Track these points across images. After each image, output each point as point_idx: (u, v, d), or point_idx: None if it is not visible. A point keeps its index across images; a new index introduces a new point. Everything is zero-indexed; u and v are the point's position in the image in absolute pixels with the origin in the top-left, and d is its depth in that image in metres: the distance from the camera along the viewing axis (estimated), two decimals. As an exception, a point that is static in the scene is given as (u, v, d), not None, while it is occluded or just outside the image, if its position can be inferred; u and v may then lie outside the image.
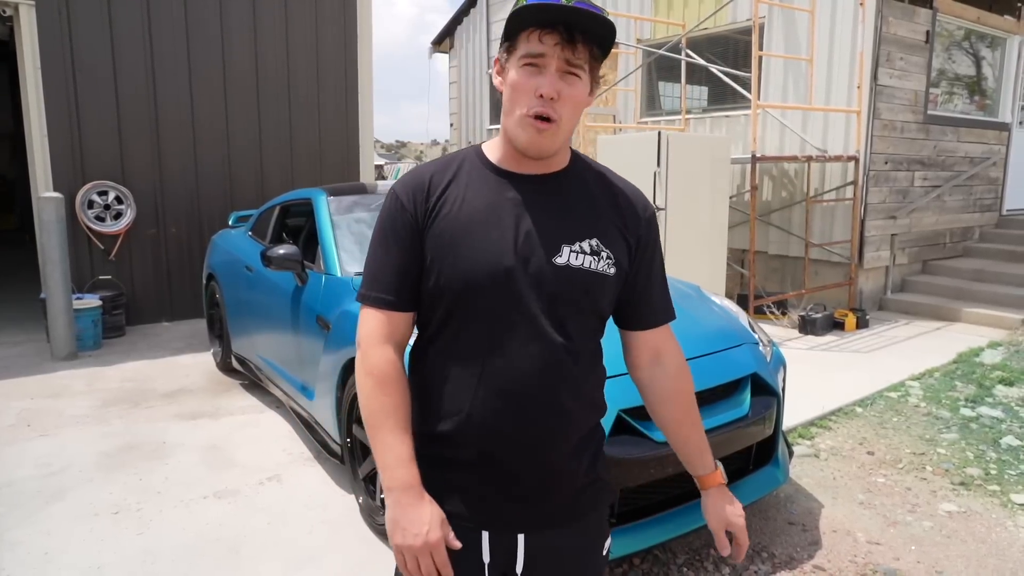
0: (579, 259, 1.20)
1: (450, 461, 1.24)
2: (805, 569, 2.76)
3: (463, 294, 1.19)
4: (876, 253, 6.99)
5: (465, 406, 1.20)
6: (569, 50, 1.13)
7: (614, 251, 1.24)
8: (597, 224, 1.24)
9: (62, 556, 2.69)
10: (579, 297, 1.21)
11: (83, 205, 5.94)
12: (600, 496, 1.33)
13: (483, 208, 1.20)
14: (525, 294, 1.18)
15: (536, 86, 1.14)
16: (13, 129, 11.96)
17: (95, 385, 4.74)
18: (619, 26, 8.88)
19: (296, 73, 6.95)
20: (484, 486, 1.23)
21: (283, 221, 4.55)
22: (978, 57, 7.99)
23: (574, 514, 1.28)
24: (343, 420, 3.06)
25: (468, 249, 1.18)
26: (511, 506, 1.24)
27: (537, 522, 1.25)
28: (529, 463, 1.22)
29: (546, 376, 1.19)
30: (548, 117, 1.14)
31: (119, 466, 3.49)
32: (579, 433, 1.27)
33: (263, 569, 2.63)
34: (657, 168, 5.52)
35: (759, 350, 3.04)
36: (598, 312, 1.26)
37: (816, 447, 3.92)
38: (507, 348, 1.18)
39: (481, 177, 1.24)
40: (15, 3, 5.53)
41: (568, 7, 1.10)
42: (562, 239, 1.20)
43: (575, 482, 1.27)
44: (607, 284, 1.24)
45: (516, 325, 1.18)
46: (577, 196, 1.25)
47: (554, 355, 1.19)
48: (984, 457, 3.80)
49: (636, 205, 1.30)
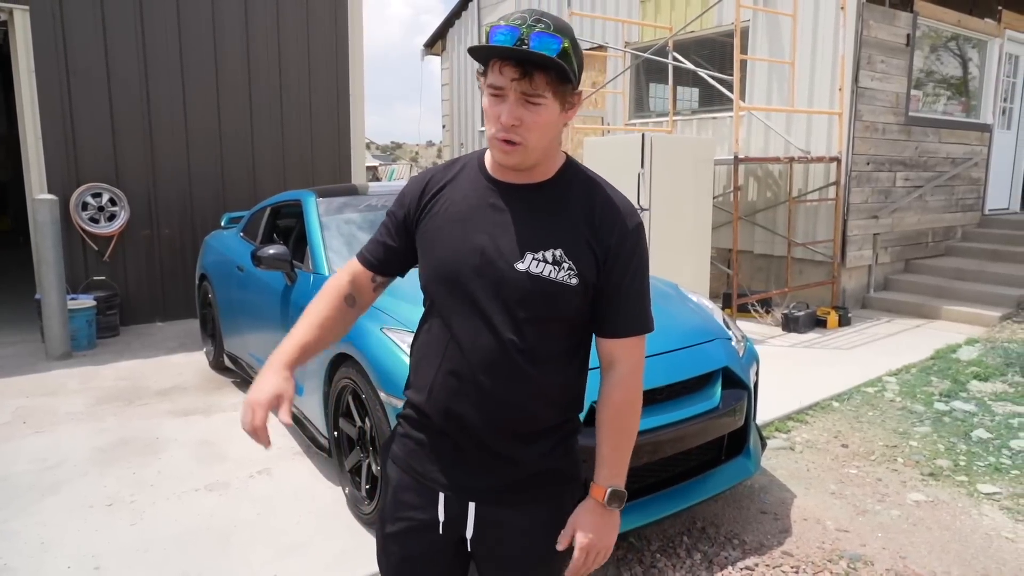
0: (539, 267, 1.29)
1: (420, 427, 1.42)
2: (774, 555, 2.88)
3: (434, 286, 1.37)
4: (859, 252, 7.12)
5: (429, 383, 1.37)
6: (526, 83, 1.21)
7: (578, 263, 1.29)
8: (565, 236, 1.31)
9: (58, 545, 2.79)
10: (536, 302, 1.29)
11: (77, 207, 6.03)
12: (559, 489, 1.41)
13: (466, 210, 1.34)
14: (482, 293, 1.30)
15: (498, 113, 1.24)
16: (7, 132, 12.02)
17: (89, 383, 4.83)
18: (607, 29, 9.02)
19: (288, 76, 7.05)
20: (442, 453, 1.39)
21: (274, 222, 4.65)
22: (959, 60, 8.14)
23: (522, 499, 1.38)
24: (330, 414, 3.16)
25: (442, 247, 1.35)
26: (462, 476, 1.37)
27: (485, 496, 1.37)
28: (475, 443, 1.35)
29: (494, 370, 1.30)
30: (511, 140, 1.25)
31: (113, 461, 3.59)
32: (531, 426, 1.36)
33: (252, 556, 2.73)
34: (641, 169, 5.63)
35: (732, 345, 3.15)
36: (560, 319, 1.32)
37: (792, 440, 4.03)
38: (463, 339, 1.32)
39: (474, 182, 1.37)
40: (9, 8, 5.61)
41: (518, 51, 1.18)
42: (527, 247, 1.29)
43: (523, 470, 1.37)
44: (568, 293, 1.29)
45: (473, 318, 1.31)
46: (552, 207, 1.33)
47: (505, 353, 1.30)
48: (955, 449, 3.92)
49: (614, 218, 1.32)
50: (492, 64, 1.24)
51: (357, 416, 2.95)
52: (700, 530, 3.04)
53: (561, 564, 1.42)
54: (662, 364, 2.81)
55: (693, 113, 8.56)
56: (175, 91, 6.45)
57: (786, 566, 2.79)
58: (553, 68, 1.21)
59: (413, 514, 1.41)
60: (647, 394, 2.68)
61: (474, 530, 1.38)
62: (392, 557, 1.46)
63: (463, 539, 1.40)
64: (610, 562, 2.76)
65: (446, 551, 1.42)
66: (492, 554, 1.41)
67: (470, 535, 1.38)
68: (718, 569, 2.76)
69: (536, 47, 1.18)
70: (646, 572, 2.73)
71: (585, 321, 1.37)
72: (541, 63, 1.20)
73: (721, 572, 2.75)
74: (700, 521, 3.11)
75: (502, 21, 1.22)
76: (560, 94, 1.25)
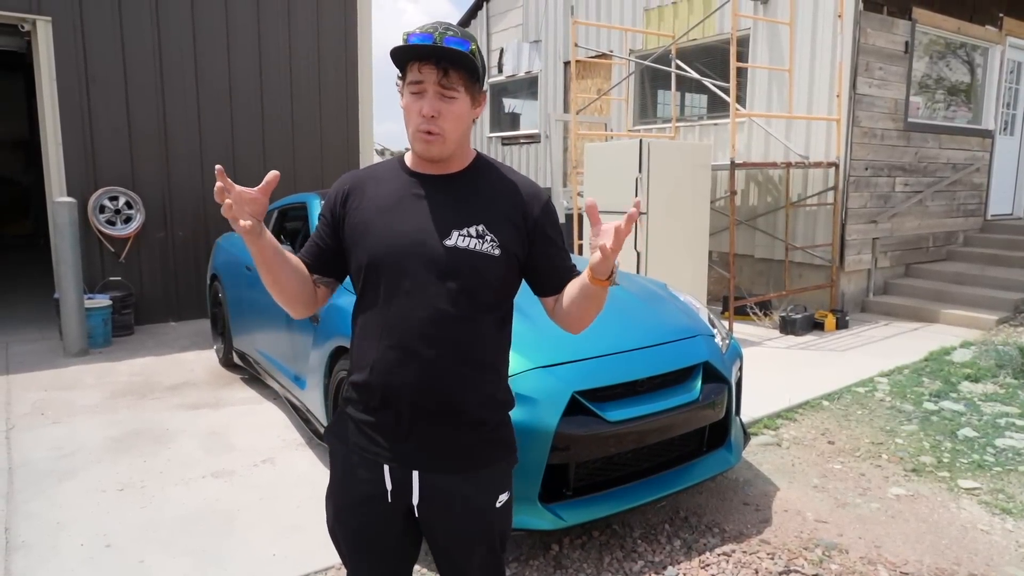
0: (465, 241, 1.46)
1: (364, 405, 1.53)
2: (752, 542, 2.99)
3: (370, 269, 1.49)
4: (857, 256, 7.20)
5: (371, 360, 1.49)
6: (444, 78, 1.40)
7: (499, 236, 1.48)
8: (485, 213, 1.49)
9: (72, 525, 2.97)
10: (465, 273, 1.45)
11: (95, 209, 6.25)
12: (496, 454, 1.57)
13: (392, 202, 1.50)
14: (417, 270, 1.45)
15: (419, 107, 1.42)
16: (28, 137, 12.37)
17: (104, 379, 5.03)
18: (612, 37, 9.17)
19: (299, 83, 7.26)
20: (385, 427, 1.50)
21: (281, 224, 4.83)
22: (960, 66, 8.21)
23: (466, 465, 1.52)
24: (330, 406, 3.32)
25: (374, 234, 1.48)
26: (405, 446, 1.50)
27: (428, 464, 1.50)
28: (418, 411, 1.47)
29: (431, 340, 1.45)
30: (431, 131, 1.43)
31: (125, 449, 3.77)
32: (470, 391, 1.51)
33: (253, 537, 2.89)
34: (639, 174, 5.77)
35: (714, 342, 3.28)
36: (488, 285, 1.48)
37: (779, 436, 4.14)
38: (402, 313, 1.46)
39: (396, 178, 1.54)
40: (33, 19, 5.86)
41: (436, 47, 1.37)
42: (452, 225, 1.47)
43: (467, 435, 1.52)
44: (491, 263, 1.47)
45: (409, 294, 1.46)
46: (470, 190, 1.52)
47: (441, 321, 1.45)
48: (940, 447, 4.02)
49: (528, 195, 1.54)
50: (411, 66, 1.42)
51: (355, 406, 3.10)
52: (682, 519, 3.17)
53: (502, 523, 1.57)
54: (644, 357, 2.94)
55: (699, 119, 8.68)
56: (190, 98, 6.67)
57: (762, 552, 2.91)
58: (465, 63, 1.40)
59: (362, 487, 1.52)
60: (629, 385, 2.85)
61: (419, 498, 1.50)
62: (346, 530, 1.57)
63: (411, 508, 1.53)
64: (592, 547, 2.90)
65: (395, 520, 1.54)
66: (438, 519, 1.53)
67: (416, 502, 1.51)
68: (696, 555, 2.88)
69: (450, 46, 1.39)
70: (627, 556, 2.85)
71: (509, 290, 1.55)
72: (456, 58, 1.39)
73: (699, 557, 2.87)
74: (683, 511, 3.23)
75: (417, 30, 1.41)
76: (470, 90, 1.45)
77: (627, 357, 2.89)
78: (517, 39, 11.42)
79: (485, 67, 1.49)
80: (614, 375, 2.80)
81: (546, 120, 10.60)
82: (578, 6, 9.60)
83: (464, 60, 1.40)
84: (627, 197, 5.85)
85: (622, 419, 2.71)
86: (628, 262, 5.80)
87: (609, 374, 2.79)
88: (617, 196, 5.97)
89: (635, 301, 3.42)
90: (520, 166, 11.41)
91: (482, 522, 1.55)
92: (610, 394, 2.77)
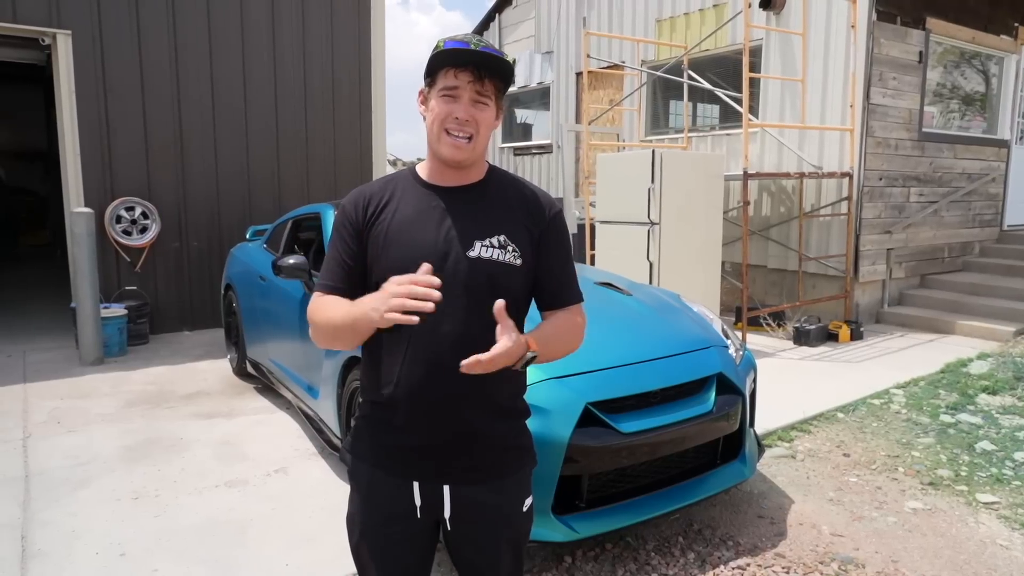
0: (489, 252, 1.47)
1: (388, 423, 1.51)
2: (766, 556, 2.96)
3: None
4: (872, 267, 7.15)
5: (395, 375, 1.47)
6: (479, 84, 1.43)
7: (520, 245, 1.50)
8: (505, 223, 1.50)
9: (87, 534, 2.99)
10: (490, 283, 1.45)
11: (111, 220, 6.32)
12: (522, 461, 1.58)
13: (413, 215, 1.50)
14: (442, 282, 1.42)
15: (452, 111, 1.43)
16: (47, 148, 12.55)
17: (120, 387, 5.07)
18: (624, 48, 9.20)
19: (312, 94, 7.33)
20: (412, 444, 1.49)
21: (295, 234, 4.86)
22: (974, 75, 8.16)
23: (494, 474, 1.53)
24: (343, 415, 3.33)
25: (398, 247, 1.47)
26: (434, 462, 1.50)
27: (458, 477, 1.50)
28: (447, 425, 1.47)
29: (460, 349, 1.42)
30: (466, 136, 1.44)
31: (140, 458, 3.79)
32: (495, 401, 1.51)
33: (266, 547, 2.90)
34: (651, 184, 5.77)
35: (728, 353, 3.26)
36: (511, 295, 1.47)
37: (794, 449, 4.11)
38: (427, 326, 1.41)
39: (413, 191, 1.53)
40: (53, 32, 5.96)
41: (477, 52, 1.40)
42: (474, 236, 1.47)
43: (494, 445, 1.52)
44: (514, 272, 1.48)
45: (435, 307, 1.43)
46: (488, 201, 1.53)
47: (467, 332, 1.44)
48: (957, 460, 3.96)
49: (542, 204, 1.56)
50: (445, 71, 1.43)
51: (367, 416, 3.11)
52: (696, 532, 3.14)
53: (527, 526, 1.59)
54: (657, 368, 2.93)
55: (711, 129, 8.68)
56: (205, 109, 6.75)
57: (777, 567, 2.88)
58: (501, 70, 1.43)
59: (390, 506, 1.51)
60: (642, 397, 2.83)
61: (451, 509, 1.50)
62: (374, 550, 1.55)
63: (437, 521, 1.53)
64: (605, 560, 2.88)
65: (422, 536, 1.55)
66: (468, 531, 1.53)
67: (448, 515, 1.51)
68: (710, 568, 2.86)
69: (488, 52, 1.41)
70: (640, 569, 2.83)
71: (526, 299, 1.55)
72: (493, 65, 1.42)
73: (713, 571, 2.84)
74: (697, 524, 3.20)
75: (451, 39, 1.42)
76: (498, 101, 1.48)
77: (640, 368, 2.88)
78: (529, 50, 11.48)
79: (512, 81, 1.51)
80: (627, 386, 2.79)
81: (558, 130, 10.63)
82: (590, 17, 9.64)
83: (501, 67, 1.43)
84: (640, 207, 5.85)
85: (635, 431, 2.70)
86: (640, 272, 5.79)
87: (622, 385, 2.78)
88: (629, 207, 5.97)
89: (648, 312, 3.41)
90: (532, 176, 11.44)
91: (510, 529, 1.56)
92: (623, 405, 2.76)
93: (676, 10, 8.58)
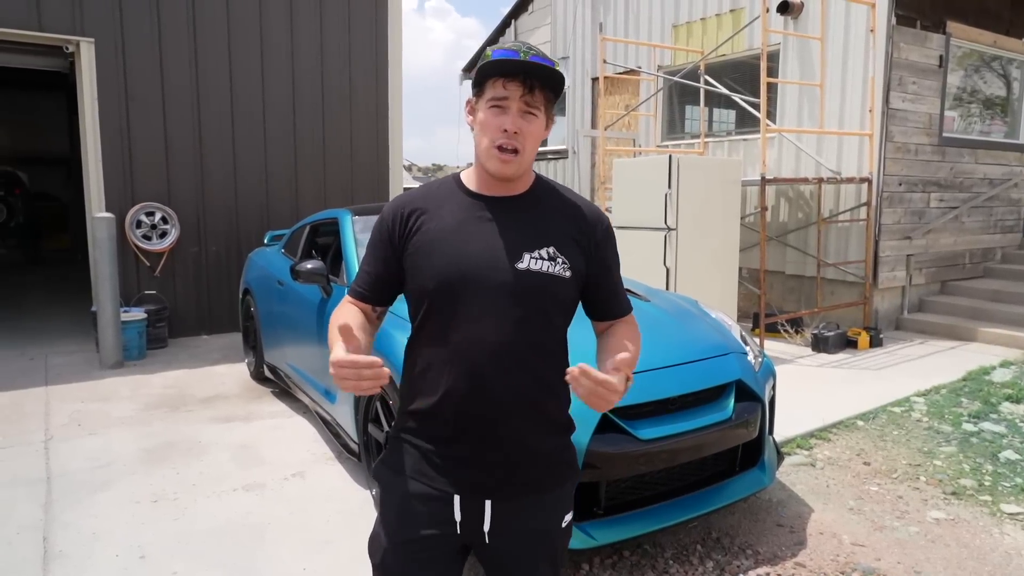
0: (538, 264, 1.43)
1: (429, 435, 1.47)
2: (787, 566, 2.93)
3: (437, 293, 1.43)
4: (891, 273, 7.07)
5: (440, 387, 1.43)
6: (528, 95, 1.40)
7: (569, 257, 1.46)
8: (553, 235, 1.47)
9: (107, 536, 3.01)
10: (539, 295, 1.43)
11: (132, 225, 6.40)
12: (565, 475, 1.55)
13: (455, 224, 1.46)
14: (488, 293, 1.41)
15: (501, 123, 1.40)
16: (69, 154, 12.73)
17: (139, 391, 5.12)
18: (640, 53, 9.18)
19: (330, 100, 7.38)
20: (455, 457, 1.45)
21: (313, 239, 4.89)
22: (995, 80, 8.07)
23: (537, 488, 1.49)
24: (360, 420, 3.34)
25: (440, 257, 1.43)
26: (478, 476, 1.45)
27: (502, 492, 1.46)
28: (494, 439, 1.43)
29: (507, 362, 1.41)
30: (512, 148, 1.41)
31: (159, 461, 3.83)
32: (541, 415, 1.49)
33: (283, 551, 2.91)
34: (668, 190, 5.74)
35: (747, 360, 3.23)
36: (559, 308, 1.47)
37: (813, 456, 4.06)
38: (474, 338, 1.41)
39: (456, 200, 1.49)
40: (77, 40, 6.05)
41: (527, 62, 1.37)
42: (523, 248, 1.44)
43: (539, 460, 1.49)
44: (563, 284, 1.45)
45: (480, 320, 1.41)
46: (537, 212, 1.49)
47: (515, 345, 1.42)
48: (980, 469, 3.90)
49: (590, 217, 1.53)
50: (494, 82, 1.40)
51: (385, 422, 3.12)
52: (715, 540, 3.11)
53: (565, 542, 1.56)
54: (676, 375, 2.91)
55: (727, 135, 8.64)
56: (224, 117, 6.82)
57: (798, 576, 2.85)
58: (552, 80, 1.40)
59: (428, 521, 1.45)
60: (661, 403, 2.81)
61: (491, 524, 1.46)
62: (406, 566, 1.48)
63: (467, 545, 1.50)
64: (623, 567, 2.86)
65: (457, 551, 1.51)
66: (507, 546, 1.49)
67: (488, 529, 1.46)
68: (729, 577, 2.83)
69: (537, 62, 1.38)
70: (658, 577, 2.81)
71: (573, 308, 1.54)
72: (544, 75, 1.39)
73: (732, 580, 2.82)
74: (715, 532, 3.17)
75: (500, 47, 1.40)
76: (548, 111, 1.45)
77: (659, 374, 2.86)
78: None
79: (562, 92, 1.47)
80: (646, 393, 2.77)
81: (574, 136, 10.63)
82: (606, 23, 9.64)
83: (552, 77, 1.39)
84: (656, 213, 5.82)
85: (654, 437, 2.68)
86: (657, 278, 5.76)
87: (641, 392, 2.76)
88: (646, 212, 5.94)
89: (667, 318, 3.40)
90: (547, 182, 11.41)
91: (548, 544, 1.53)
92: (642, 412, 2.75)
93: (693, 15, 8.56)
